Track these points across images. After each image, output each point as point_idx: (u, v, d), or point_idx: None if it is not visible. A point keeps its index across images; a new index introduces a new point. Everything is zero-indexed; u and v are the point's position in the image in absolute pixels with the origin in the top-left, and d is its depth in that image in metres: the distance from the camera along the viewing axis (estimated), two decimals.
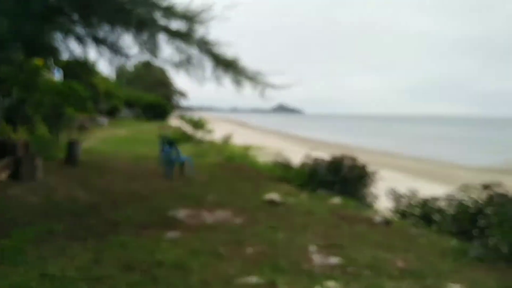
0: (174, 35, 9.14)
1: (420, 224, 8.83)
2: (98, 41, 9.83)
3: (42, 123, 10.68)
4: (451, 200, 8.49)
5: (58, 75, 18.90)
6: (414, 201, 9.35)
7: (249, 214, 8.02)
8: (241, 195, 9.68)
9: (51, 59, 14.49)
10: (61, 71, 19.38)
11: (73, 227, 6.55)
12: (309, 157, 12.39)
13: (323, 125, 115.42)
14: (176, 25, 9.17)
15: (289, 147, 31.85)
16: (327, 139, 53.26)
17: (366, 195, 11.24)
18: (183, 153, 15.04)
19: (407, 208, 9.41)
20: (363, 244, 6.54)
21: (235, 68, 9.60)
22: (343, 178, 11.06)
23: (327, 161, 11.67)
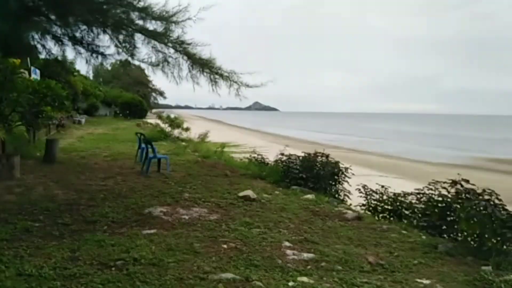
0: (150, 35, 9.19)
1: (391, 219, 9.05)
2: (75, 41, 9.84)
3: (20, 122, 10.60)
4: (420, 196, 8.70)
5: (36, 74, 18.72)
6: (385, 197, 9.56)
7: (224, 210, 8.09)
8: (216, 192, 9.71)
9: (28, 58, 14.41)
10: (37, 71, 19.21)
11: (50, 225, 6.54)
12: (283, 154, 12.55)
13: (297, 122, 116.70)
14: (152, 25, 9.22)
15: (263, 144, 32.07)
16: (301, 136, 53.94)
17: (339, 191, 11.43)
18: (160, 150, 15.07)
19: (378, 203, 9.63)
20: (335, 239, 6.71)
21: (211, 68, 9.69)
22: (316, 175, 11.20)
23: (301, 158, 11.81)
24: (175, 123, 25.75)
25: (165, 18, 8.86)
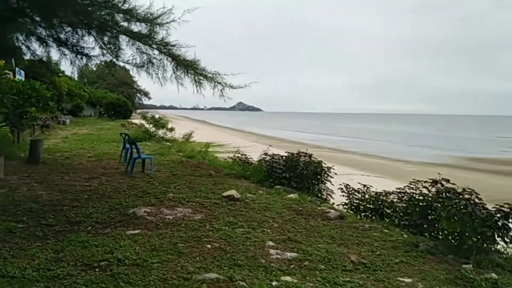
0: (135, 37, 9.20)
1: (373, 218, 9.16)
2: (60, 42, 9.81)
3: (4, 123, 10.52)
4: (402, 195, 8.82)
5: (20, 75, 18.61)
6: (367, 196, 9.67)
7: (208, 210, 8.12)
8: (201, 191, 9.74)
9: (13, 59, 14.31)
10: (22, 72, 19.09)
11: (33, 226, 6.52)
12: (267, 154, 12.63)
13: (281, 122, 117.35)
14: (137, 27, 9.23)
15: (247, 144, 32.18)
16: (284, 135, 54.28)
17: (322, 190, 11.53)
18: (144, 151, 15.05)
19: (360, 202, 9.74)
20: (318, 239, 6.79)
21: (195, 69, 9.72)
22: (299, 174, 11.29)
23: (284, 157, 11.89)
24: (159, 123, 25.73)
25: (150, 20, 8.87)
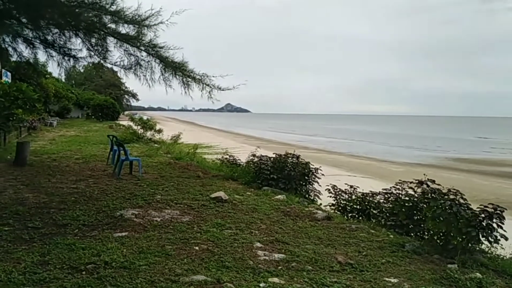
0: (123, 38, 9.17)
1: (360, 218, 9.22)
2: (47, 44, 9.76)
3: None
4: (388, 195, 8.89)
5: (7, 77, 18.49)
6: (353, 197, 9.74)
7: (196, 212, 8.13)
8: (189, 193, 9.74)
9: None
10: (8, 74, 18.97)
11: (20, 229, 6.48)
12: (255, 155, 12.65)
13: (269, 123, 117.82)
14: (125, 29, 9.20)
15: (235, 145, 32.23)
16: (272, 137, 54.59)
17: (309, 191, 11.58)
18: (132, 153, 15.00)
19: (347, 203, 9.79)
20: (306, 240, 6.83)
21: (184, 71, 9.72)
22: (287, 175, 11.32)
23: (272, 159, 11.92)
24: (147, 125, 25.68)
25: (138, 22, 8.84)
